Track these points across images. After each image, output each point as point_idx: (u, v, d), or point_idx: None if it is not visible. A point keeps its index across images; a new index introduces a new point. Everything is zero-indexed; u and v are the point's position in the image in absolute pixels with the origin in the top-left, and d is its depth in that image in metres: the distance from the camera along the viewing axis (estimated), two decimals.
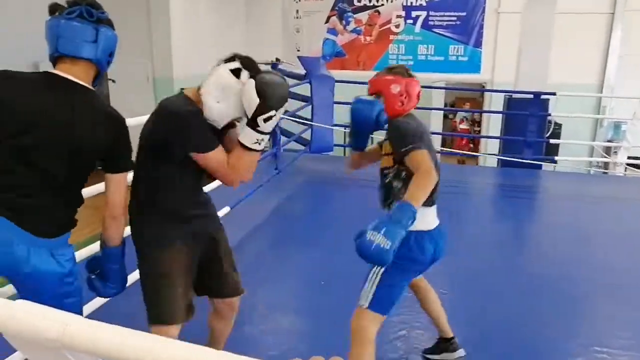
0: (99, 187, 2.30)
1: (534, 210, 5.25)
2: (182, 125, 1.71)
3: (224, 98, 1.72)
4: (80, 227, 1.85)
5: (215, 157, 1.73)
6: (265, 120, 1.68)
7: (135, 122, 2.41)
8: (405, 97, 2.00)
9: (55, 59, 1.67)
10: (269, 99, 1.66)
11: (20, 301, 0.90)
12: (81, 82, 1.66)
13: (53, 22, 1.64)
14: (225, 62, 1.78)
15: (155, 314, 1.81)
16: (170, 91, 7.65)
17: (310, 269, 3.37)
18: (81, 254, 2.31)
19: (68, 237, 1.76)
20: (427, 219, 1.95)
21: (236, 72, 1.74)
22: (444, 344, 2.34)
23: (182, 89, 1.94)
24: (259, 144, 1.73)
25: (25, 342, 0.83)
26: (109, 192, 1.77)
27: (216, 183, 3.59)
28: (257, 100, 1.65)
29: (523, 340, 2.59)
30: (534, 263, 3.64)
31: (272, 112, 1.68)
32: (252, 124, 1.69)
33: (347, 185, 5.67)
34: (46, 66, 1.73)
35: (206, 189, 3.23)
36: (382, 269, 1.88)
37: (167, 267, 1.80)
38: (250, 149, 1.73)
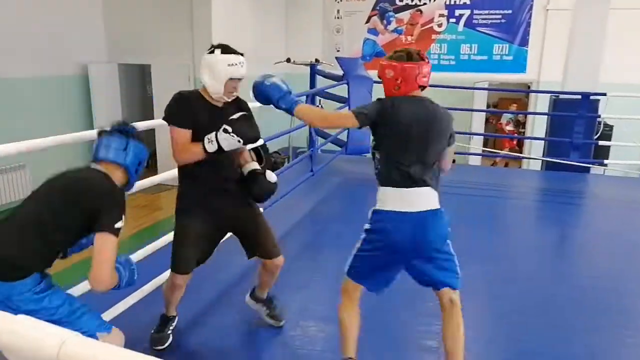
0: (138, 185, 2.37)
1: (580, 216, 5.00)
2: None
3: (208, 72, 2.29)
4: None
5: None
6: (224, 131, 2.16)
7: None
8: (401, 81, 2.04)
9: None
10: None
11: (21, 316, 0.89)
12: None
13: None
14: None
15: (171, 264, 2.34)
16: None
17: (341, 272, 3.30)
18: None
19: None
20: (381, 198, 2.05)
21: (211, 51, 2.33)
22: None
23: None
24: (211, 143, 2.17)
25: (22, 357, 0.83)
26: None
27: None
28: None
29: (566, 356, 2.45)
30: (580, 273, 3.46)
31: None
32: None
33: None
34: (93, 68, 1.80)
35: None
36: (360, 240, 2.07)
37: (181, 233, 2.33)
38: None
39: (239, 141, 2.16)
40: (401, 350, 2.48)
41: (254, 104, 2.47)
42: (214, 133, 2.16)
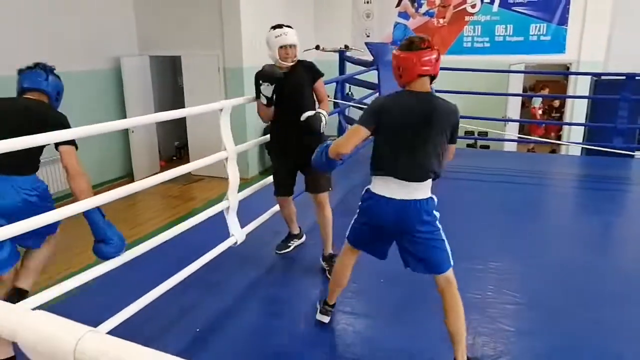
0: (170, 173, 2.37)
1: (624, 205, 4.77)
2: None
3: (268, 46, 2.99)
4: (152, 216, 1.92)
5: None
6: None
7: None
8: (402, 71, 2.12)
9: None
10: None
11: (38, 311, 0.87)
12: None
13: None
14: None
15: None
16: (240, 80, 7.84)
17: (372, 267, 3.25)
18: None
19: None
20: (372, 180, 2.21)
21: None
22: None
23: None
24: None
25: (38, 352, 0.81)
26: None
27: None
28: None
29: (607, 353, 2.33)
30: (624, 264, 3.29)
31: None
32: None
33: None
34: (126, 61, 1.79)
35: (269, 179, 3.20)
36: (357, 213, 2.30)
37: (272, 166, 3.25)
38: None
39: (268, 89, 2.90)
40: (436, 343, 2.41)
41: None
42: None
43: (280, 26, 2.95)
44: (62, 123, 2.36)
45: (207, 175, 7.87)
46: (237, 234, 3.04)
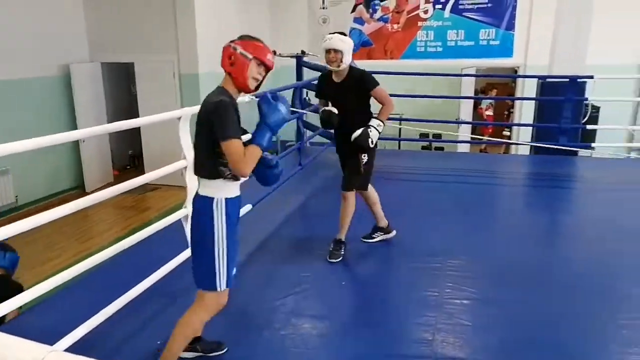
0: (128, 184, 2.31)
1: (570, 201, 5.01)
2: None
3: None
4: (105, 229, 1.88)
5: None
6: None
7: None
8: None
9: None
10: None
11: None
12: None
13: None
14: None
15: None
16: (196, 87, 7.75)
17: (333, 269, 3.29)
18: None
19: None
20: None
21: None
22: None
23: None
24: None
25: None
26: None
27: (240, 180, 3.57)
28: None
29: (556, 343, 2.45)
30: (572, 257, 3.46)
31: None
32: None
33: (374, 179, 5.54)
34: (76, 68, 1.74)
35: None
36: None
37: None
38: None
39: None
40: (396, 342, 2.46)
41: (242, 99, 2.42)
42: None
43: (333, 33, 3.21)
44: None
45: (163, 184, 7.72)
46: None
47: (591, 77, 5.79)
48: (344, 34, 3.22)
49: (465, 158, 7.35)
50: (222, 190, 2.02)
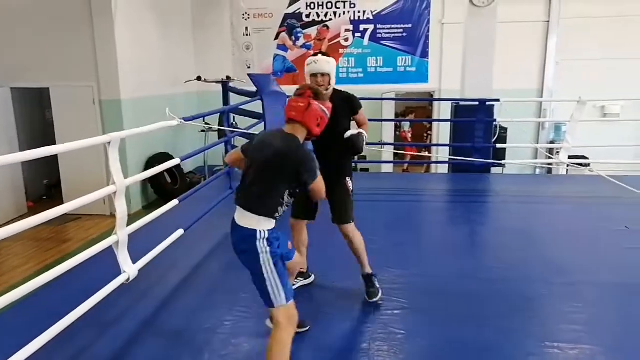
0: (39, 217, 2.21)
1: (485, 214, 5.40)
2: None
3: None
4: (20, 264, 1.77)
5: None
6: None
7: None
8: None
9: None
10: None
11: None
12: None
13: None
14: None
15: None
16: (119, 113, 7.53)
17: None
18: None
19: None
20: None
21: None
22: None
23: None
24: None
25: None
26: None
27: (170, 205, 3.53)
28: None
29: (481, 342, 2.64)
30: (490, 266, 3.73)
31: None
32: None
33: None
34: None
35: (162, 209, 3.15)
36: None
37: None
38: None
39: None
40: (335, 354, 2.54)
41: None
42: None
43: (315, 54, 3.00)
44: None
45: (84, 213, 7.37)
46: (129, 269, 2.94)
47: (498, 100, 6.33)
48: (326, 54, 3.02)
49: (389, 178, 7.69)
50: (267, 225, 2.20)
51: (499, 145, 6.69)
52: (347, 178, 3.08)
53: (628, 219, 4.59)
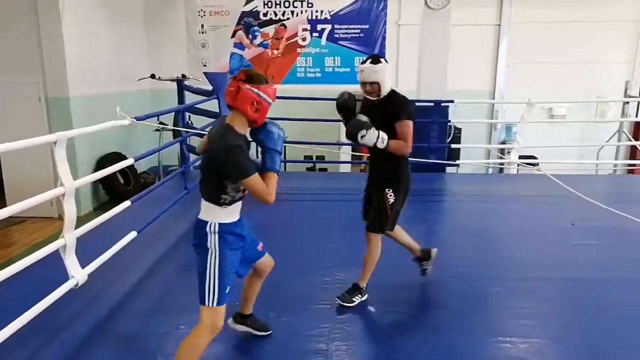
0: None
1: (441, 213, 5.51)
2: None
3: None
4: None
5: None
6: None
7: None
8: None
9: None
10: None
11: None
12: None
13: None
14: None
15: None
16: (67, 111, 7.23)
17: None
18: None
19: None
20: None
21: None
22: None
23: None
24: None
25: None
26: None
27: (122, 206, 3.41)
28: None
29: (437, 339, 2.68)
30: (446, 264, 3.80)
31: None
32: None
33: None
34: None
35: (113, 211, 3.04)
36: None
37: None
38: None
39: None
40: (293, 355, 2.52)
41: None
42: None
43: (365, 61, 2.90)
44: None
45: (30, 216, 7.02)
46: (78, 274, 2.81)
47: (452, 101, 6.47)
48: (378, 59, 2.87)
49: (347, 178, 7.71)
50: (218, 215, 2.14)
51: (453, 145, 6.85)
52: (387, 189, 2.95)
53: (574, 216, 4.78)
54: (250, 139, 2.20)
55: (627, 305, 3.09)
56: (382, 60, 2.90)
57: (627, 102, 9.16)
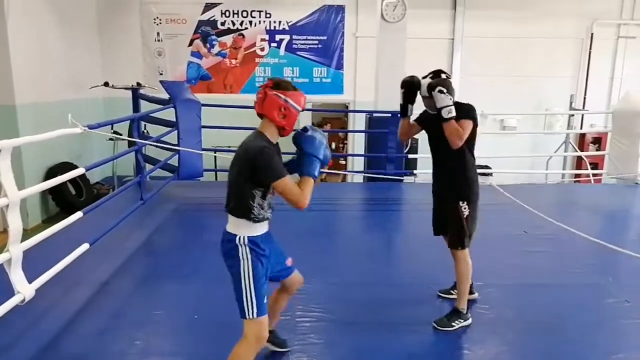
0: None
1: (399, 221, 5.59)
2: None
3: None
4: None
5: None
6: None
7: None
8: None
9: None
10: None
11: None
12: None
13: None
14: None
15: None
16: (13, 119, 6.92)
17: (184, 304, 3.18)
18: None
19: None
20: None
21: None
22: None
23: None
24: None
25: None
26: None
27: (72, 218, 3.27)
28: None
29: (396, 348, 2.70)
30: (404, 273, 3.85)
31: None
32: None
33: (221, 210, 5.47)
34: None
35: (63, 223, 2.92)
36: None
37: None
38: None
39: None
40: None
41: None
42: None
43: (425, 76, 2.95)
44: None
45: None
46: (24, 290, 2.67)
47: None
48: (439, 73, 2.91)
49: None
50: (246, 228, 2.13)
51: (410, 156, 6.97)
52: (460, 202, 2.90)
53: (526, 224, 4.95)
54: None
55: (582, 309, 3.21)
56: (443, 74, 2.92)
57: (572, 115, 9.62)
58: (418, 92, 3.02)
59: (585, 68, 9.85)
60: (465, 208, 2.90)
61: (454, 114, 2.80)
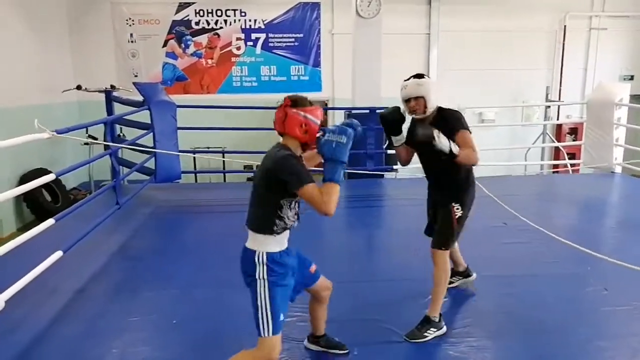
0: None
1: (380, 217, 5.58)
2: None
3: None
4: None
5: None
6: None
7: None
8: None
9: None
10: None
11: None
12: None
13: None
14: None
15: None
16: None
17: (162, 309, 3.12)
18: None
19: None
20: None
21: None
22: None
23: None
24: None
25: None
26: None
27: (44, 225, 3.18)
28: None
29: (377, 345, 2.69)
30: (386, 268, 3.84)
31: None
32: None
33: (200, 213, 5.45)
34: None
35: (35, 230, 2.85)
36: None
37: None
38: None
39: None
40: None
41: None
42: None
43: (409, 78, 2.81)
44: None
45: None
46: None
47: (387, 108, 6.58)
48: (422, 75, 2.79)
49: None
50: (266, 244, 2.14)
51: (390, 151, 6.97)
52: (454, 203, 2.85)
53: (506, 216, 4.98)
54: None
55: (562, 298, 3.24)
56: (425, 76, 2.83)
57: (549, 106, 9.75)
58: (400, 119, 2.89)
59: (560, 60, 10.00)
60: (458, 209, 2.87)
61: (457, 148, 2.67)
